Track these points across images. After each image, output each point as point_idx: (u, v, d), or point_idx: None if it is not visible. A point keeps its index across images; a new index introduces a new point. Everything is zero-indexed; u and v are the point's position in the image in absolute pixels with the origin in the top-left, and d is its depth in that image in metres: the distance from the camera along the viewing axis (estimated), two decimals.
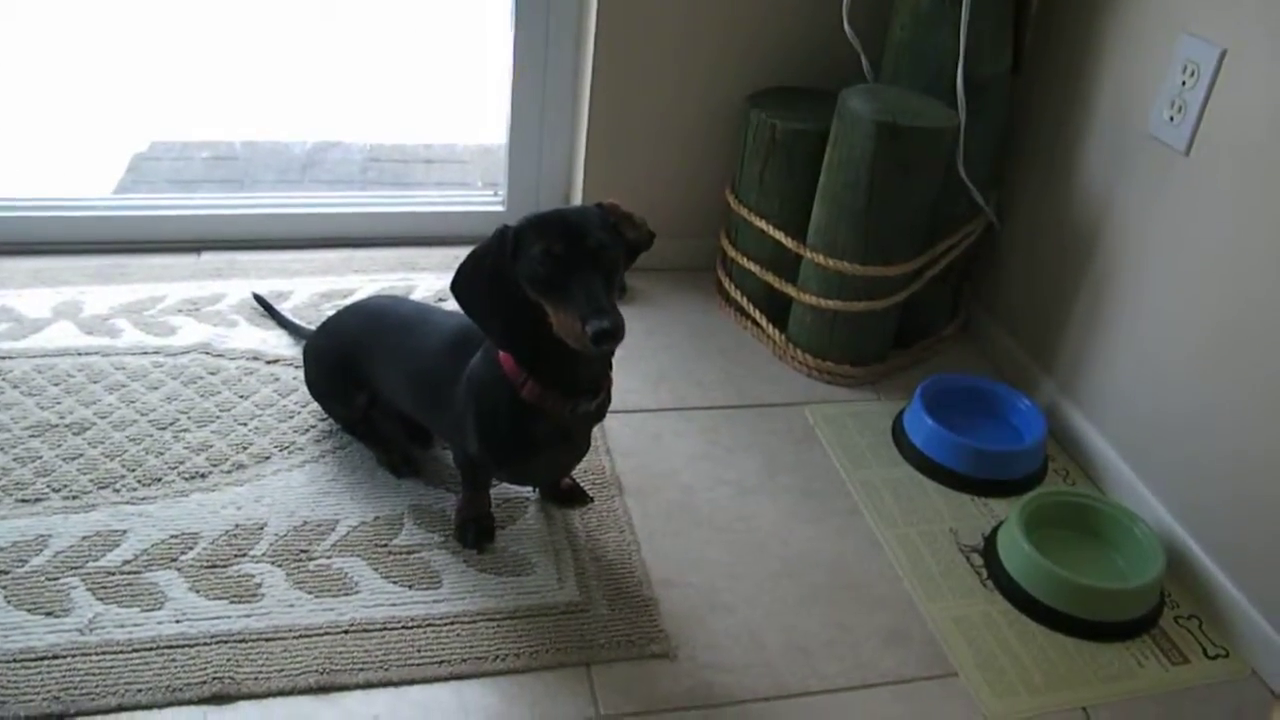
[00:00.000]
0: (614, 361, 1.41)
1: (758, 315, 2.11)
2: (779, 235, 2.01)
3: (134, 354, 1.86)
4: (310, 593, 1.45)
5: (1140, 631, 1.55)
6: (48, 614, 1.38)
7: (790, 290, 2.02)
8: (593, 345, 1.21)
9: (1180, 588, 1.64)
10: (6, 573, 1.43)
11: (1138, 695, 1.46)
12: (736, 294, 2.15)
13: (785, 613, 1.52)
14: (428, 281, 2.15)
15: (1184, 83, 1.61)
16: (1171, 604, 1.61)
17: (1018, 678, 1.46)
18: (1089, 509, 1.69)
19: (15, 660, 1.31)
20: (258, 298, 2.01)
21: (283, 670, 1.34)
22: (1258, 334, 1.51)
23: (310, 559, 1.50)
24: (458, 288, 1.32)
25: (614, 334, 1.20)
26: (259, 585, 1.45)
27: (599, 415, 1.44)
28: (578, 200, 2.23)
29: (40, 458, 1.62)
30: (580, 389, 1.36)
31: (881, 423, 1.92)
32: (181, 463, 1.64)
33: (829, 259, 1.92)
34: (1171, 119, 1.64)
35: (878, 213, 1.86)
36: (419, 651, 1.38)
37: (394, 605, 1.45)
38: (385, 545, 1.54)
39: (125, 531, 1.51)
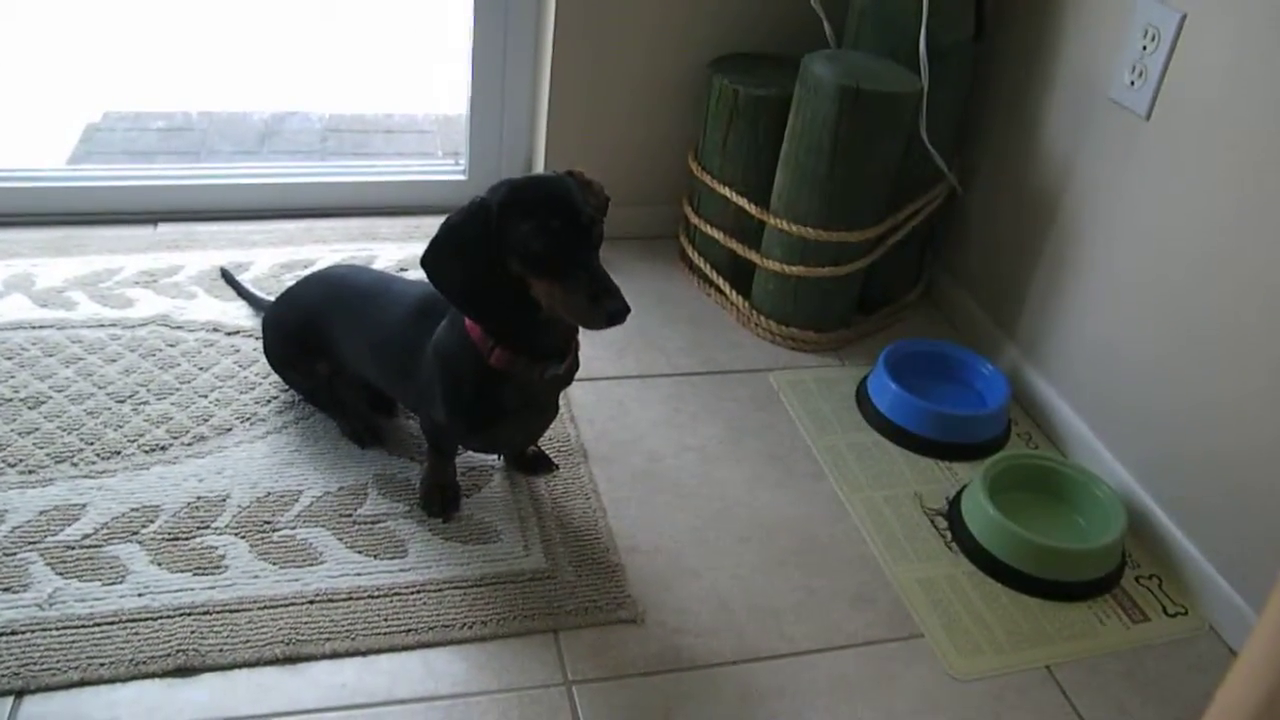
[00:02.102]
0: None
1: (721, 282, 2.10)
2: (742, 202, 2.01)
3: (90, 327, 1.83)
4: (275, 564, 1.44)
5: (1102, 591, 1.57)
6: (5, 590, 1.35)
7: (754, 257, 2.02)
8: (605, 324, 1.22)
9: (1141, 548, 1.66)
10: None
11: (1100, 653, 1.48)
12: (700, 261, 2.14)
13: (752, 577, 1.53)
14: (389, 251, 2.13)
15: (1145, 47, 1.61)
16: (1133, 564, 1.63)
17: (982, 638, 1.48)
18: (1051, 471, 1.70)
19: None
20: (224, 273, 1.98)
21: (248, 641, 1.33)
22: (1216, 299, 1.52)
23: (274, 530, 1.49)
24: (431, 261, 1.29)
25: (625, 313, 1.22)
26: (222, 557, 1.44)
27: (567, 379, 1.43)
28: (540, 168, 2.22)
29: None
30: (548, 353, 1.35)
31: (845, 388, 1.93)
32: (141, 435, 1.62)
33: (792, 225, 1.92)
34: (1132, 84, 1.64)
35: (841, 178, 1.86)
36: (386, 620, 1.38)
37: (360, 575, 1.44)
38: (350, 515, 1.53)
39: (84, 505, 1.49)
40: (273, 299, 1.74)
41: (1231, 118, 1.49)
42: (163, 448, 1.60)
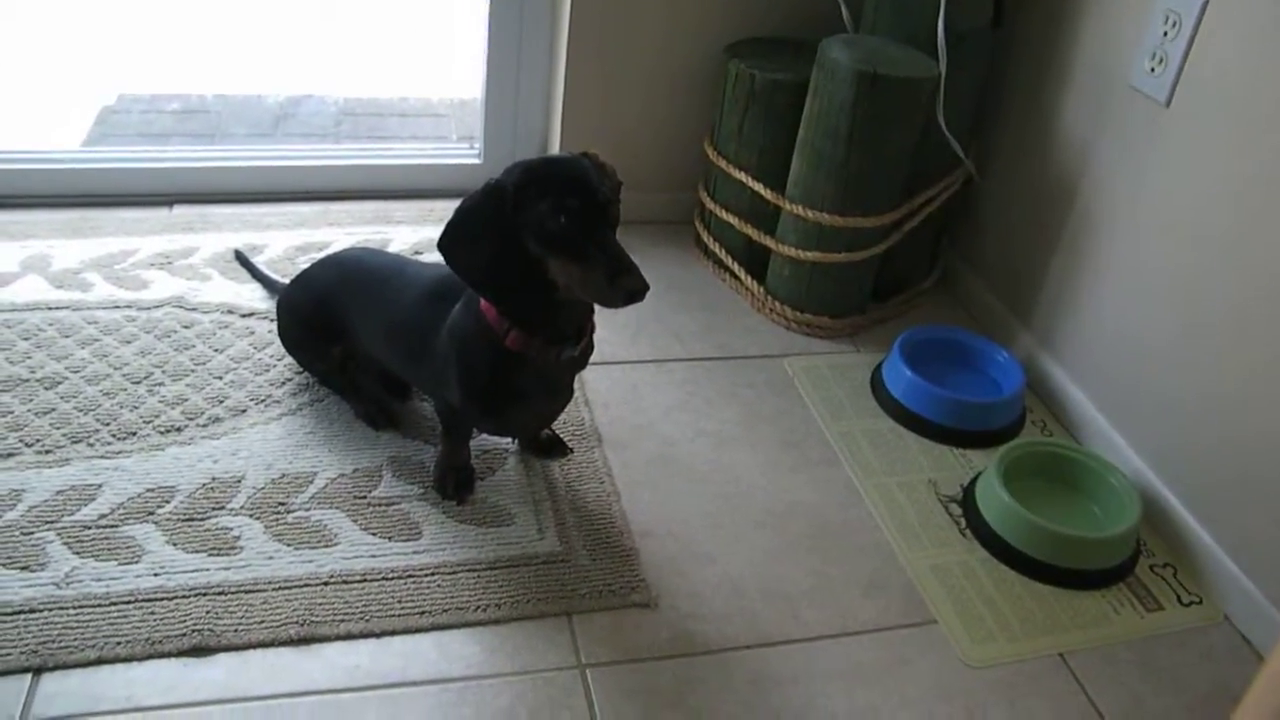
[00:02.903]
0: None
1: (736, 268, 2.10)
2: (758, 187, 2.00)
3: (106, 308, 1.83)
4: (289, 545, 1.44)
5: (1116, 580, 1.57)
6: (23, 568, 1.36)
7: (769, 242, 2.02)
8: (624, 303, 1.22)
9: (1156, 537, 1.65)
10: None
11: (1113, 642, 1.48)
12: (715, 246, 2.14)
13: (765, 562, 1.53)
14: (403, 234, 2.13)
15: (1165, 33, 1.60)
16: (1147, 553, 1.62)
17: (996, 625, 1.48)
18: (1066, 459, 1.70)
19: None
20: (239, 255, 1.98)
21: (263, 622, 1.33)
22: (1233, 287, 1.51)
23: (289, 511, 1.49)
24: (448, 244, 1.28)
25: (644, 291, 1.22)
26: (237, 538, 1.44)
27: (582, 361, 1.43)
28: (555, 152, 2.21)
29: (11, 412, 1.59)
30: (564, 335, 1.35)
31: (860, 375, 1.93)
32: (156, 416, 1.62)
33: (808, 210, 1.91)
34: (1153, 70, 1.63)
35: (857, 164, 1.85)
36: (400, 602, 1.38)
37: (374, 557, 1.44)
38: (364, 497, 1.53)
39: (100, 485, 1.50)
40: (287, 281, 1.74)
41: (1254, 104, 1.47)
42: (178, 429, 1.61)
